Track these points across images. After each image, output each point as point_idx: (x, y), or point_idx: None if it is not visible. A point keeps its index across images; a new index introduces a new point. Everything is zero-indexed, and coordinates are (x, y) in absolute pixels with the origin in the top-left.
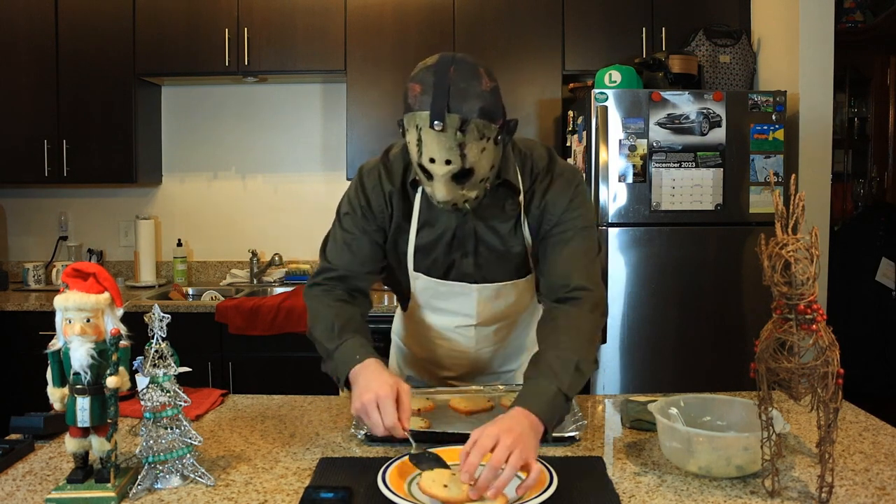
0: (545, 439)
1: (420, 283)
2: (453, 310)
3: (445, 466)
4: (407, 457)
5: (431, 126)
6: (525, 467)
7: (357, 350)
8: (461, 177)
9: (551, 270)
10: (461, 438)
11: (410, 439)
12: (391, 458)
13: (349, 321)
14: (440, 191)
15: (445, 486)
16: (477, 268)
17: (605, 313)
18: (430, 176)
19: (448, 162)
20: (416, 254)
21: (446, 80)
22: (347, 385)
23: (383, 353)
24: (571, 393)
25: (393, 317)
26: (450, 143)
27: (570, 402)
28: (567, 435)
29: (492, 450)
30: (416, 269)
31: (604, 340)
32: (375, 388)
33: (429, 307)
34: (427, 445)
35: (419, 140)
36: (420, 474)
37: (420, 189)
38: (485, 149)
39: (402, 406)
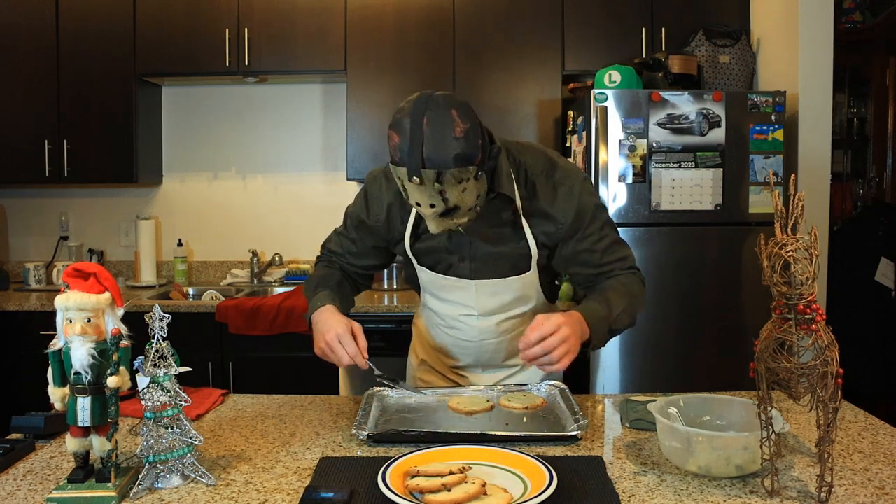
0: (572, 436)
1: (424, 276)
2: (455, 300)
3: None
4: (407, 457)
5: (410, 181)
6: (559, 361)
7: (321, 299)
8: (448, 213)
9: (593, 271)
10: (462, 438)
11: (373, 367)
12: (391, 457)
13: (326, 278)
14: (431, 226)
15: (448, 490)
16: (473, 271)
17: (643, 281)
18: (420, 214)
19: (432, 206)
20: (418, 255)
21: (420, 132)
22: (310, 327)
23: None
24: (616, 326)
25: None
26: (429, 191)
27: (611, 334)
28: (568, 434)
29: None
30: (419, 264)
31: None
32: (334, 327)
33: (435, 297)
34: (426, 445)
35: (404, 188)
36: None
37: None
38: (466, 188)
39: (359, 340)
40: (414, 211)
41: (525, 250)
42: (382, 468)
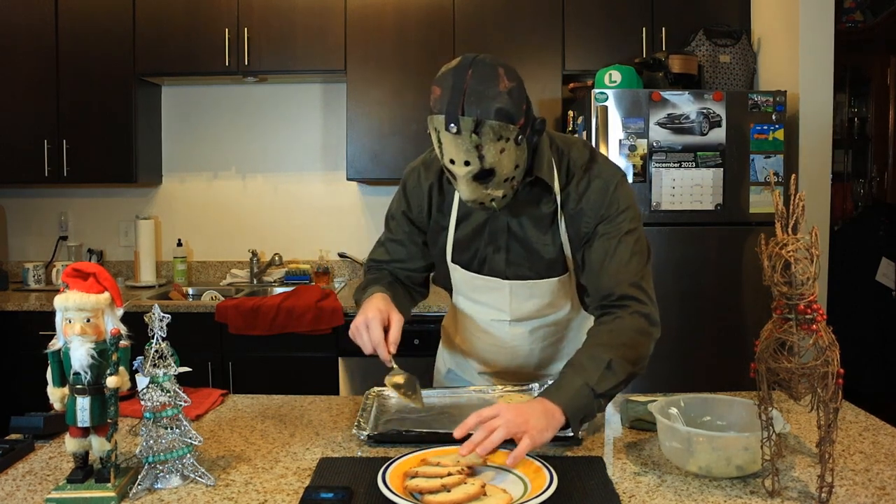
0: (572, 436)
1: (457, 276)
2: (488, 303)
3: (416, 390)
4: (407, 457)
5: (447, 129)
6: (516, 437)
7: (372, 292)
8: (482, 177)
9: (597, 281)
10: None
11: (393, 363)
12: (391, 458)
13: (376, 280)
14: (464, 190)
15: (448, 490)
16: (508, 264)
17: (654, 323)
18: (454, 176)
19: (467, 163)
20: (455, 247)
21: (462, 83)
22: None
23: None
24: (601, 388)
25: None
26: (466, 145)
27: (601, 398)
28: (569, 435)
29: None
30: (453, 261)
31: None
32: (366, 311)
33: (468, 298)
34: (426, 445)
35: (439, 142)
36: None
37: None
38: (504, 149)
39: (390, 331)
40: (457, 197)
41: (560, 251)
42: (382, 468)
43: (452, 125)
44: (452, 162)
